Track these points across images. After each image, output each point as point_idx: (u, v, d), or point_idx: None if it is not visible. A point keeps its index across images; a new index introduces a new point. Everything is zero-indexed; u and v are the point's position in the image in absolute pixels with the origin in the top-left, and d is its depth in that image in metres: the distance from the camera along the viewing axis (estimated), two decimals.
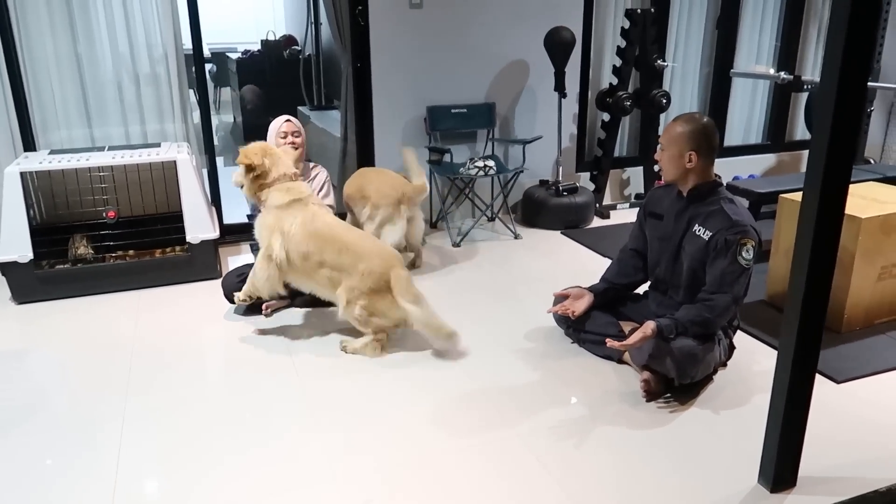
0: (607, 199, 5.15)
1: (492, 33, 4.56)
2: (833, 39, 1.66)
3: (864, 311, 3.11)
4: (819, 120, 1.73)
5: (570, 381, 2.72)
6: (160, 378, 2.76)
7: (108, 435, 2.37)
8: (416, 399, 2.60)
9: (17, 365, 2.92)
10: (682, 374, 2.51)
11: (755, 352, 2.94)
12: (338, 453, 2.26)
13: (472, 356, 2.93)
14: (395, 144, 4.37)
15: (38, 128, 4.00)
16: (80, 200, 3.73)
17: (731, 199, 2.63)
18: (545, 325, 3.14)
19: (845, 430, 2.39)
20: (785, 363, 1.94)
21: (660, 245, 2.82)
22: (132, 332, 3.16)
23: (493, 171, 4.38)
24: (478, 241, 4.45)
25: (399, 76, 4.44)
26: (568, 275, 3.26)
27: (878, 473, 2.16)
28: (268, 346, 3.03)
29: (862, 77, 1.67)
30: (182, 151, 3.72)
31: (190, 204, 3.67)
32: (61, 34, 3.93)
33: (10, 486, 2.11)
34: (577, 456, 2.24)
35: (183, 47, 4.18)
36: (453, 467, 2.19)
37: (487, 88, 4.69)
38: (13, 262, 3.44)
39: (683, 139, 2.59)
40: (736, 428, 2.39)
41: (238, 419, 2.47)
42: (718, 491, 2.07)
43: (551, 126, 4.77)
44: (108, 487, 2.10)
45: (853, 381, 2.71)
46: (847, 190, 1.79)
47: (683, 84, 5.50)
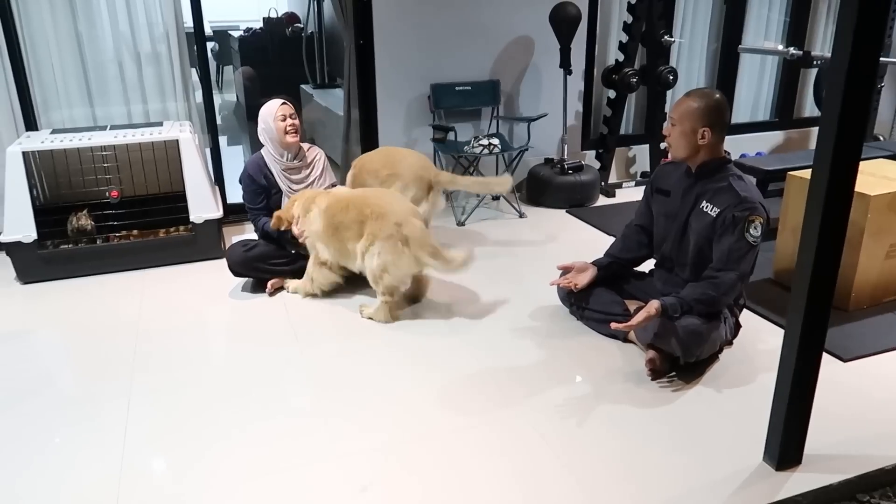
0: (612, 177, 5.11)
1: (496, 9, 4.50)
2: (844, 14, 1.62)
3: (871, 289, 3.09)
4: (829, 96, 1.70)
5: (575, 359, 2.72)
6: (165, 357, 2.77)
7: (113, 413, 2.38)
8: (420, 378, 2.60)
9: (22, 345, 2.93)
10: (688, 353, 2.50)
11: (761, 330, 2.93)
12: (342, 431, 2.27)
13: (477, 335, 2.93)
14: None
15: (39, 107, 3.98)
16: (83, 180, 3.72)
17: (741, 176, 2.60)
18: (550, 303, 3.13)
19: (851, 408, 2.38)
20: (791, 342, 1.92)
21: (666, 221, 2.79)
22: (136, 312, 3.17)
23: (497, 150, 4.35)
24: (482, 220, 4.43)
25: (403, 53, 4.39)
26: (572, 254, 3.24)
27: (884, 451, 2.15)
28: (272, 325, 3.03)
29: (873, 52, 1.64)
30: (184, 130, 3.70)
31: (193, 183, 3.66)
32: (61, 13, 3.90)
33: (17, 465, 2.13)
34: (582, 434, 2.24)
35: (184, 25, 4.14)
36: (459, 445, 2.19)
37: (492, 65, 4.63)
38: (17, 242, 3.45)
39: (697, 115, 2.55)
40: (741, 406, 2.39)
41: (242, 396, 2.47)
42: (723, 469, 2.07)
43: (556, 103, 4.72)
44: (114, 464, 2.11)
45: (860, 359, 2.69)
46: (857, 167, 1.76)
47: (690, 60, 5.43)
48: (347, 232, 3.03)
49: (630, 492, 1.99)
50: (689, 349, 2.50)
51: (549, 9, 4.42)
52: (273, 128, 3.30)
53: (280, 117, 3.32)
